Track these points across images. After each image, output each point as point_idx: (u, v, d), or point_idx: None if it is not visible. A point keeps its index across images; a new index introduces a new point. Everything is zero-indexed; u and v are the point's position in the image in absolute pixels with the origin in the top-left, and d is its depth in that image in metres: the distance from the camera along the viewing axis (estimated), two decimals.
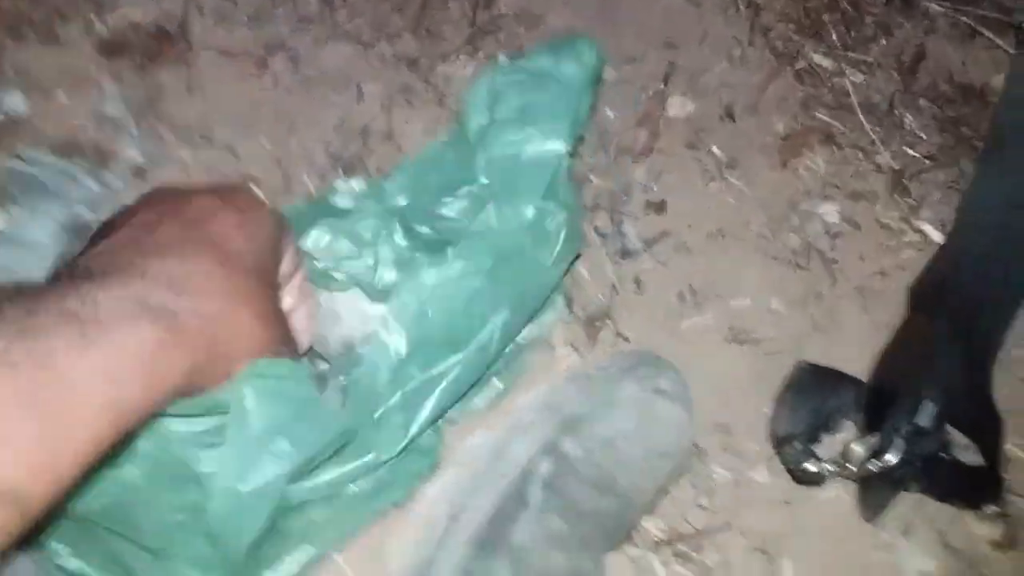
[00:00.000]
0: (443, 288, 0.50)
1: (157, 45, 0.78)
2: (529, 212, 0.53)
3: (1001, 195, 0.52)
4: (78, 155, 0.69)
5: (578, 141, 0.61)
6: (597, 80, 0.61)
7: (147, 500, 0.43)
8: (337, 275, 0.56)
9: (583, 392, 0.53)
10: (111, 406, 0.32)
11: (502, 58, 0.76)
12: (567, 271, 0.59)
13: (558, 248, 0.54)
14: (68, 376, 0.31)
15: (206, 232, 0.40)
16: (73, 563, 0.46)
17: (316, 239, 0.56)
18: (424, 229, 0.58)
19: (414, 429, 0.50)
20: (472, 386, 0.54)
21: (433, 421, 0.51)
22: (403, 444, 0.50)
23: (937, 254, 0.60)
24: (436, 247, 0.56)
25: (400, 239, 0.58)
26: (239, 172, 0.70)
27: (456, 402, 0.53)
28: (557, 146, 0.55)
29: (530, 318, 0.58)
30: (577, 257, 0.61)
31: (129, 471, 0.42)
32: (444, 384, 0.50)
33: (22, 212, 0.59)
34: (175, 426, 0.41)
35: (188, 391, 0.37)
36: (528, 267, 0.53)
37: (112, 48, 0.77)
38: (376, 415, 0.49)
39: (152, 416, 0.37)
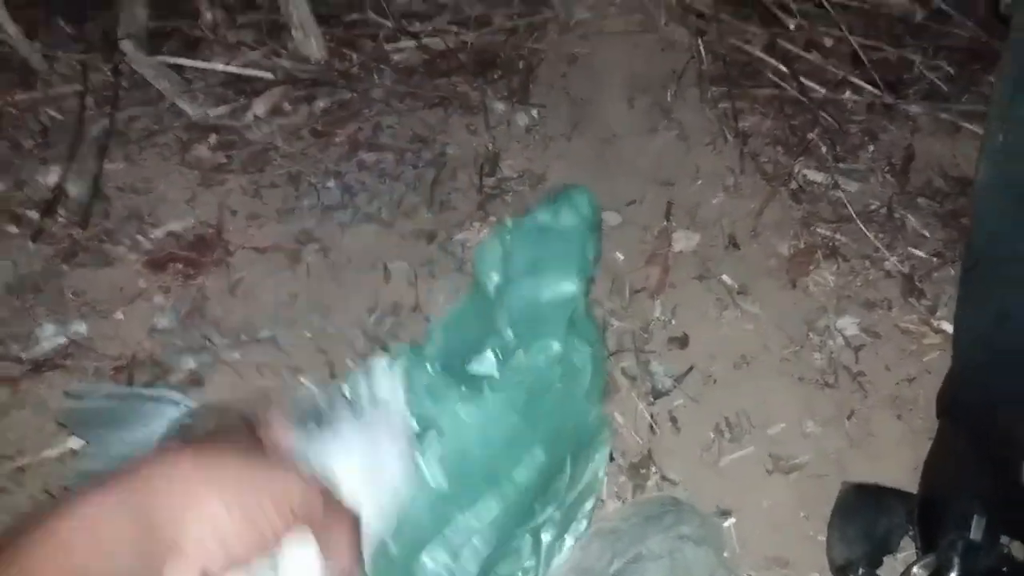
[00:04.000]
0: (483, 427, 0.53)
1: (198, 253, 0.85)
2: (555, 349, 0.56)
3: (985, 310, 0.54)
4: (138, 371, 0.74)
5: (590, 282, 0.64)
6: (596, 224, 0.65)
7: None
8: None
9: (611, 548, 0.54)
10: None
11: (508, 221, 0.81)
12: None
13: (588, 381, 0.57)
14: None
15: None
16: None
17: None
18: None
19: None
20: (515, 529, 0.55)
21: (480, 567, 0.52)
22: None
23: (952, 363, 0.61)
24: (471, 383, 0.57)
25: (431, 369, 0.58)
26: (286, 366, 0.74)
27: (501, 546, 0.54)
28: (570, 287, 0.59)
29: (572, 456, 0.59)
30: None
31: None
32: (485, 527, 0.51)
33: (94, 447, 0.63)
34: None
35: None
36: (560, 402, 0.56)
37: (158, 262, 0.84)
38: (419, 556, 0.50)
39: None
